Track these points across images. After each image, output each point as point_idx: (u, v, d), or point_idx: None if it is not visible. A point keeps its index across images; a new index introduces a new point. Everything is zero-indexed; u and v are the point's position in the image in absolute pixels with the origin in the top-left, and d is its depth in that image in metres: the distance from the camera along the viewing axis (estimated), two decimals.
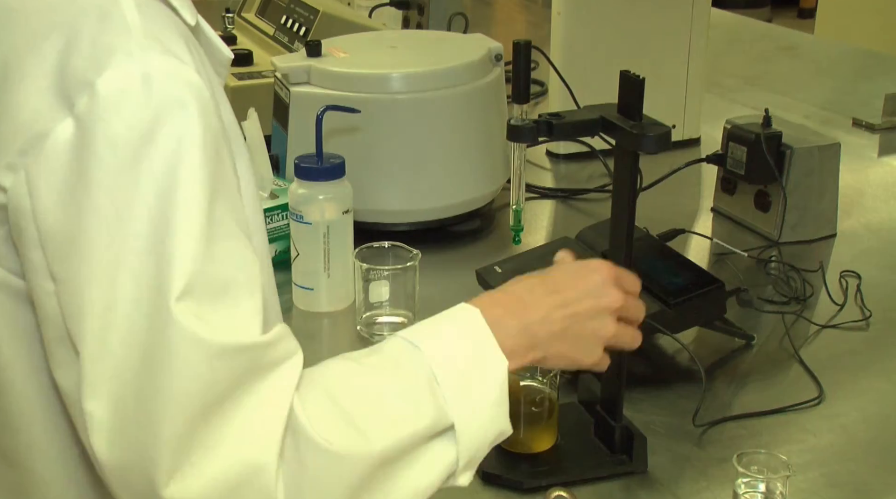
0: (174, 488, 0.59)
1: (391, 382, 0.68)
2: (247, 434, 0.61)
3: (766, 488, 0.84)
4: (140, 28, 0.62)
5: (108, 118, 0.59)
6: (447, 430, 0.68)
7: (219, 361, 0.60)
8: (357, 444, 0.64)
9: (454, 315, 0.73)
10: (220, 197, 0.62)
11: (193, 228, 0.60)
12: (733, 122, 1.40)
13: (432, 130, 1.35)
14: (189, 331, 0.59)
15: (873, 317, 1.19)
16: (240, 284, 0.62)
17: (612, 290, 0.77)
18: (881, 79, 2.08)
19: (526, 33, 2.58)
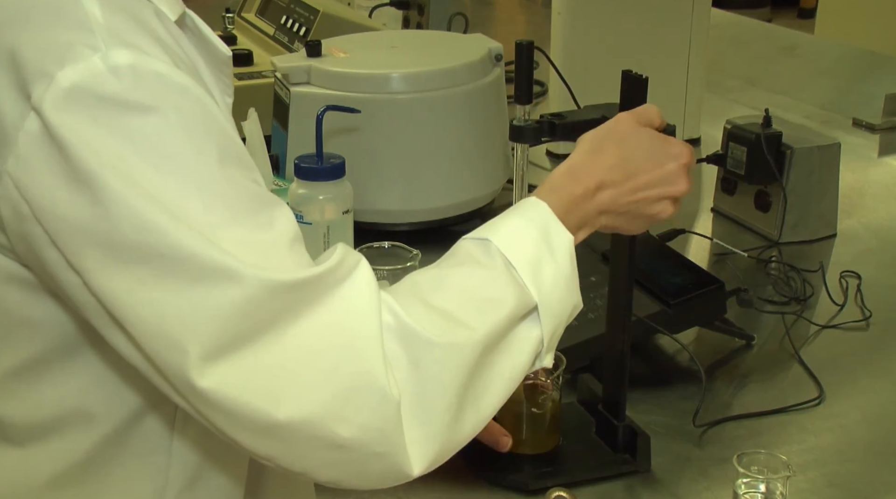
0: (287, 408, 0.59)
1: (472, 274, 0.70)
2: (344, 344, 0.61)
3: (766, 488, 0.84)
4: (102, 22, 0.60)
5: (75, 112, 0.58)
6: (532, 311, 0.70)
7: (289, 293, 0.60)
8: (463, 334, 0.65)
9: (517, 207, 0.75)
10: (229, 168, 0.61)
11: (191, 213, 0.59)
12: (733, 123, 1.40)
13: (432, 130, 1.35)
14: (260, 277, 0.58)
15: (873, 317, 1.19)
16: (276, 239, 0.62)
17: (682, 180, 0.79)
18: (881, 79, 2.08)
19: (526, 33, 2.58)
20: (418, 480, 0.92)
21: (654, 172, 0.78)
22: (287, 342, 0.60)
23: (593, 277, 1.11)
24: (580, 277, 1.11)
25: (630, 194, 0.77)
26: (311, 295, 0.61)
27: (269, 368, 0.59)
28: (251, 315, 0.59)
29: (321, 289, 0.62)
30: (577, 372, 1.01)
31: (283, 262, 0.61)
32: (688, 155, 0.80)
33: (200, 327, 0.58)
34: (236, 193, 0.61)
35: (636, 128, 0.80)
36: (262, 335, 0.59)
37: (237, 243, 0.60)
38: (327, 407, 0.60)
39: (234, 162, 0.63)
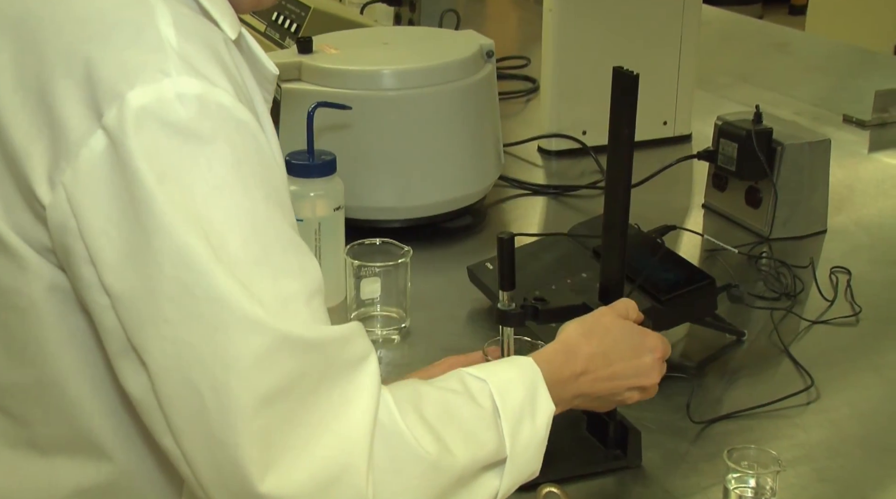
0: (270, 484, 0.60)
1: (466, 406, 0.71)
2: (335, 433, 0.62)
3: (756, 483, 0.84)
4: (175, 47, 0.61)
5: (141, 134, 0.59)
6: (499, 463, 0.72)
7: (301, 355, 0.61)
8: (448, 459, 0.67)
9: (514, 360, 0.78)
10: (268, 209, 0.62)
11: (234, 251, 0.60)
12: (724, 119, 1.40)
13: (424, 126, 1.35)
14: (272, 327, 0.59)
15: (863, 313, 1.20)
16: (301, 294, 0.63)
17: (655, 373, 0.84)
18: (871, 75, 2.08)
19: (518, 30, 2.58)
20: None
21: (631, 363, 0.83)
22: (291, 413, 0.61)
23: (585, 274, 1.12)
24: (572, 274, 1.12)
25: (607, 381, 0.82)
26: (323, 364, 0.62)
27: (270, 433, 0.60)
28: (269, 369, 0.60)
29: (333, 360, 0.63)
30: None
31: (300, 313, 0.62)
32: (662, 348, 0.85)
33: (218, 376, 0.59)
34: (276, 235, 0.63)
35: (618, 320, 0.85)
36: (274, 397, 0.60)
37: (265, 288, 0.60)
38: (306, 490, 0.61)
39: (277, 204, 0.64)
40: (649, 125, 1.71)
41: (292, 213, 0.67)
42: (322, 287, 0.65)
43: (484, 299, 1.19)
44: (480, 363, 0.79)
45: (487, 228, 1.44)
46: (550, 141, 1.69)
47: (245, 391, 0.59)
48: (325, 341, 0.63)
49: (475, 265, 1.20)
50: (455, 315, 1.20)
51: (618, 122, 0.87)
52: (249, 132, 0.62)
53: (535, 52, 1.84)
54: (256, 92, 0.71)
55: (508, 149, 1.63)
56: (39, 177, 0.61)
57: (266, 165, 0.64)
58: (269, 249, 0.62)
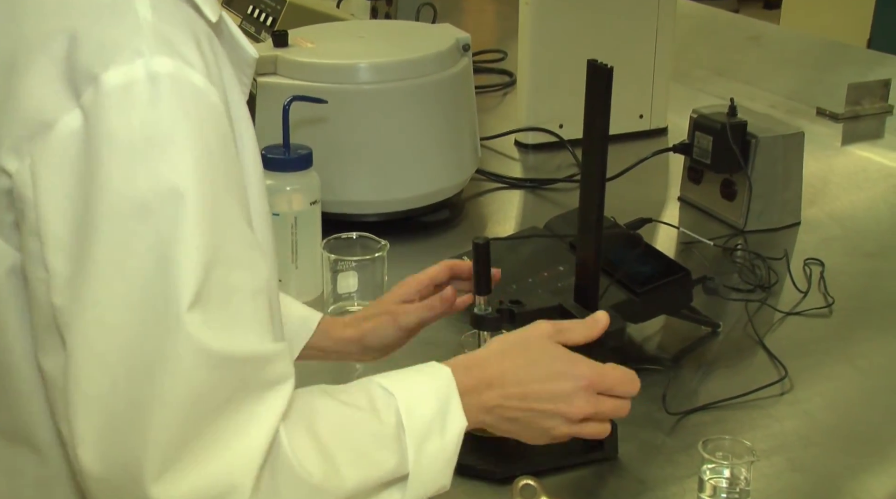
0: (159, 488, 0.60)
1: (367, 423, 0.70)
2: (233, 451, 0.62)
3: (730, 473, 0.85)
4: (151, 26, 0.61)
5: (110, 117, 0.59)
6: (401, 479, 0.71)
7: (218, 371, 0.61)
8: (332, 480, 0.66)
9: (428, 370, 0.76)
10: (226, 202, 0.62)
11: (199, 234, 0.60)
12: (699, 112, 1.41)
13: (400, 120, 1.35)
14: (196, 339, 0.59)
15: (836, 304, 1.21)
16: (246, 290, 0.63)
17: (580, 401, 0.77)
18: (845, 69, 2.10)
19: (494, 24, 2.58)
20: None
21: (546, 385, 0.77)
22: (198, 423, 0.61)
23: (561, 267, 1.12)
24: (548, 267, 1.12)
25: (518, 401, 0.76)
26: (238, 381, 0.62)
27: (174, 438, 0.60)
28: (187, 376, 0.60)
29: (249, 379, 0.63)
30: None
31: (243, 309, 0.62)
32: (592, 379, 0.78)
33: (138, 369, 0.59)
34: (229, 226, 0.62)
35: (546, 341, 0.79)
36: (186, 403, 0.60)
37: (212, 278, 0.60)
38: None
39: (236, 195, 0.64)
40: (625, 118, 1.72)
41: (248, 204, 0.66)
42: (269, 287, 0.65)
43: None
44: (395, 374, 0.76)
45: (464, 222, 1.44)
46: (527, 134, 1.69)
47: (162, 391, 0.59)
48: (246, 359, 0.62)
49: (452, 259, 1.20)
50: None
51: (592, 115, 0.87)
52: (218, 117, 0.62)
53: (512, 46, 1.84)
54: (234, 82, 0.71)
55: (485, 142, 1.64)
56: (7, 149, 0.62)
57: (229, 154, 0.63)
58: (222, 239, 0.61)
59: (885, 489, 0.90)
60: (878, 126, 1.83)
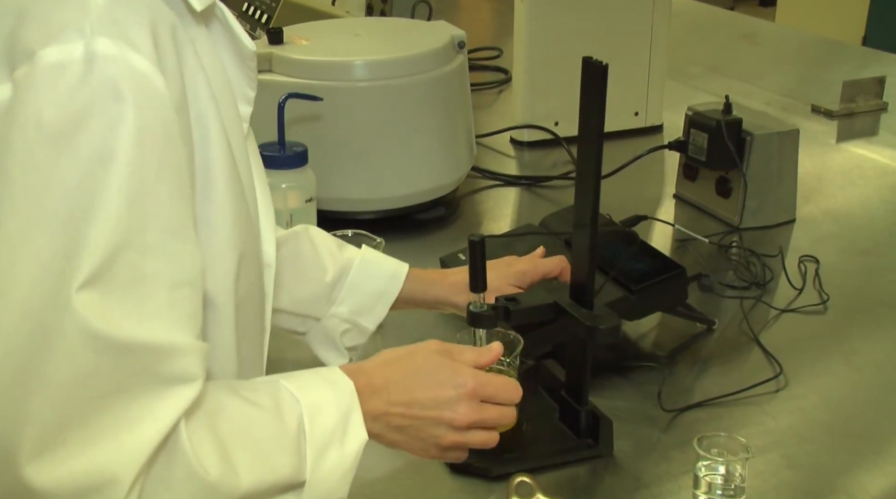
0: (33, 469, 0.58)
1: (269, 425, 0.69)
2: (118, 443, 0.60)
3: (725, 470, 0.85)
4: (100, 9, 0.60)
5: (38, 91, 0.58)
6: (298, 486, 0.70)
7: (107, 355, 0.59)
8: (228, 480, 0.65)
9: (332, 377, 0.75)
10: (156, 189, 0.61)
11: (112, 217, 0.59)
12: (695, 109, 1.41)
13: (395, 117, 1.35)
14: (83, 320, 0.58)
15: (831, 301, 1.21)
16: (161, 279, 0.61)
17: (463, 408, 0.77)
18: (839, 66, 2.11)
19: (490, 21, 2.58)
20: (382, 468, 0.92)
21: (430, 393, 0.77)
22: (82, 409, 0.59)
23: None
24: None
25: (403, 408, 0.76)
26: (128, 370, 0.61)
27: (55, 420, 0.59)
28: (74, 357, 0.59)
29: (143, 370, 0.61)
30: (540, 358, 1.02)
31: (154, 298, 0.61)
32: (474, 385, 0.78)
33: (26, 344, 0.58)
34: (157, 214, 0.61)
35: (432, 353, 0.79)
36: (71, 385, 0.59)
37: (121, 262, 0.59)
38: (64, 489, 0.59)
39: (173, 183, 0.62)
40: (621, 116, 1.72)
41: (188, 194, 0.64)
42: (196, 281, 0.63)
43: None
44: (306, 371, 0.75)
45: (460, 220, 1.44)
46: (523, 132, 1.69)
47: (45, 368, 0.58)
48: (141, 348, 0.61)
49: (448, 256, 1.20)
50: None
51: (588, 113, 0.87)
52: (160, 104, 0.61)
53: (508, 44, 1.84)
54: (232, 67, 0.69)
55: (481, 140, 1.64)
56: None
57: (170, 141, 0.62)
58: (142, 227, 0.60)
59: (879, 485, 0.90)
60: (873, 123, 1.83)
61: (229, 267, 0.71)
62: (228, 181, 0.70)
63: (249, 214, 0.74)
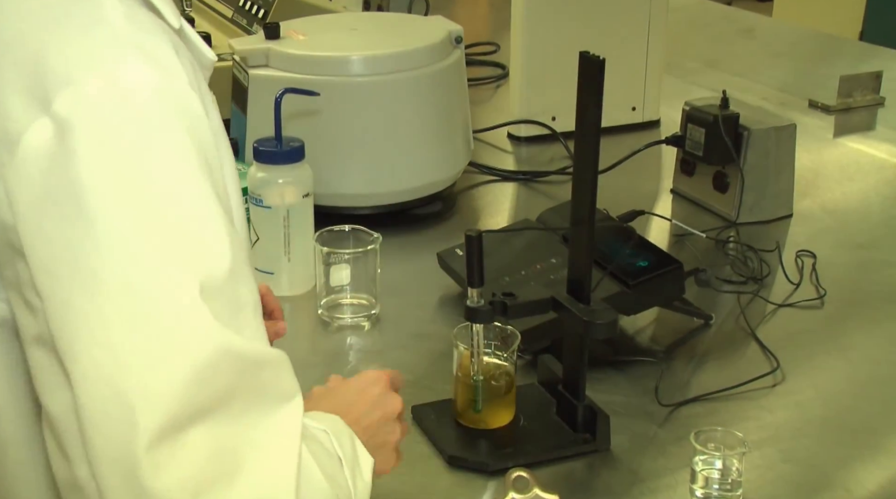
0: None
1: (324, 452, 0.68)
2: (265, 466, 0.59)
3: (722, 464, 0.85)
4: (129, 36, 0.60)
5: (93, 121, 0.56)
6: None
7: (238, 371, 0.58)
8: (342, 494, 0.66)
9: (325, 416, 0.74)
10: (220, 206, 0.60)
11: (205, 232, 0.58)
12: (692, 104, 1.41)
13: (392, 112, 1.35)
14: (220, 342, 0.57)
15: (828, 295, 1.21)
16: (250, 303, 0.61)
17: (391, 395, 0.79)
18: (836, 61, 2.11)
19: (487, 16, 2.58)
20: None
21: (362, 400, 0.78)
22: (222, 437, 0.58)
23: (553, 259, 1.12)
24: (541, 259, 1.12)
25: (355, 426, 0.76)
26: (257, 386, 0.60)
27: (198, 459, 0.57)
28: (207, 382, 0.57)
29: (267, 386, 0.60)
30: (537, 353, 1.02)
31: (249, 323, 0.60)
32: (381, 375, 0.80)
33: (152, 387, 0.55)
34: (234, 240, 0.60)
35: (347, 380, 0.81)
36: (206, 414, 0.57)
37: (222, 291, 0.58)
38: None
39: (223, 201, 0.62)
40: (618, 111, 1.72)
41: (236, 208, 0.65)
42: (259, 301, 0.63)
43: (454, 285, 1.19)
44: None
45: (457, 215, 1.44)
46: (520, 127, 1.69)
47: (180, 406, 0.56)
48: (264, 362, 0.60)
49: (445, 252, 1.20)
50: (425, 302, 1.20)
51: (584, 107, 0.87)
52: (202, 125, 0.61)
53: (505, 39, 1.83)
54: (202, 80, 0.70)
55: (478, 135, 1.63)
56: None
57: (212, 160, 0.62)
58: (234, 252, 0.60)
59: (875, 480, 0.90)
60: (870, 118, 1.83)
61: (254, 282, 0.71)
62: (238, 191, 0.70)
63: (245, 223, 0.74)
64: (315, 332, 1.15)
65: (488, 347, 0.95)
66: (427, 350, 1.09)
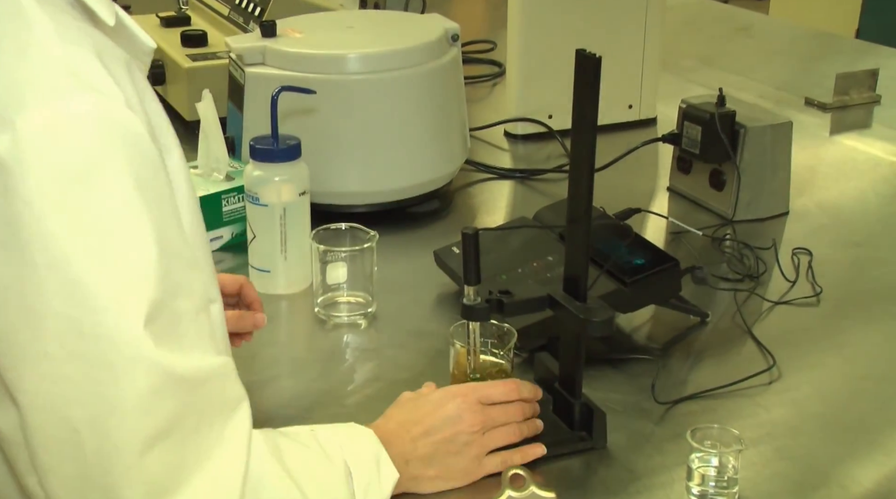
0: None
1: (322, 464, 0.73)
2: (211, 475, 0.62)
3: (718, 462, 0.85)
4: (62, 61, 0.59)
5: (33, 160, 0.56)
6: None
7: (181, 395, 0.60)
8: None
9: (355, 430, 0.80)
10: (168, 232, 0.61)
11: (142, 261, 0.59)
12: (688, 102, 1.41)
13: (389, 110, 1.35)
14: (157, 367, 0.58)
15: (824, 293, 1.21)
16: (190, 312, 0.62)
17: (469, 414, 0.85)
18: (833, 59, 2.11)
19: (484, 14, 2.57)
20: None
21: (436, 415, 0.84)
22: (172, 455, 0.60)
23: (550, 257, 1.12)
24: (538, 257, 1.13)
25: (424, 437, 0.82)
26: (203, 402, 0.62)
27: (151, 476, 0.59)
28: (154, 409, 0.59)
29: (212, 399, 0.62)
30: (534, 351, 1.02)
31: (188, 334, 0.61)
32: (464, 391, 0.85)
33: (100, 417, 0.58)
34: (174, 253, 0.61)
35: (420, 393, 0.87)
36: (157, 438, 0.59)
37: (161, 312, 0.59)
38: None
39: (173, 217, 0.63)
40: (615, 109, 1.72)
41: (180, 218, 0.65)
42: (211, 298, 0.65)
43: (450, 283, 1.19)
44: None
45: (454, 213, 1.44)
46: (517, 125, 1.69)
47: (129, 433, 0.58)
48: (206, 378, 0.62)
49: (441, 249, 1.20)
50: (422, 300, 1.20)
51: (581, 105, 0.87)
52: (144, 144, 0.60)
53: (502, 37, 1.83)
54: (147, 90, 0.69)
55: (475, 133, 1.63)
56: None
57: (159, 178, 0.62)
58: (169, 271, 0.60)
59: (871, 477, 0.90)
60: (866, 116, 1.83)
61: (210, 271, 0.71)
62: (187, 184, 0.70)
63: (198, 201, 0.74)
64: (311, 330, 1.15)
65: (485, 345, 0.95)
66: (424, 348, 1.09)
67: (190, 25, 1.78)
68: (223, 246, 1.30)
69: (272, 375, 1.05)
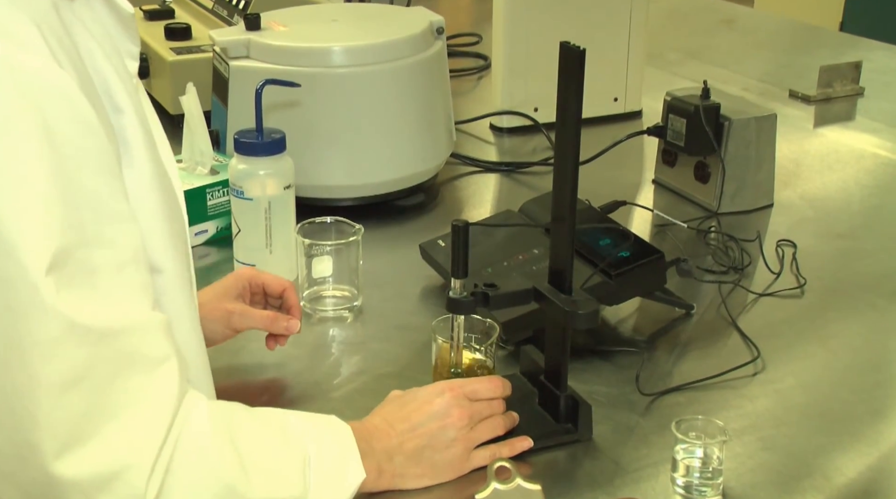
0: (60, 466, 0.60)
1: (279, 445, 0.73)
2: (125, 430, 0.62)
3: (703, 453, 0.86)
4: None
5: None
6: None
7: (95, 345, 0.61)
8: (242, 484, 0.68)
9: (330, 420, 0.80)
10: (82, 183, 0.61)
11: (51, 222, 0.59)
12: (673, 95, 1.41)
13: (374, 103, 1.34)
14: (64, 318, 0.59)
15: (808, 285, 1.22)
16: (109, 265, 0.62)
17: (457, 409, 0.85)
18: (817, 51, 2.12)
19: (469, 7, 2.57)
20: None
21: (422, 411, 0.84)
22: (88, 401, 0.61)
23: (536, 250, 1.12)
24: (523, 250, 1.13)
25: (410, 433, 0.83)
26: (115, 354, 0.62)
27: (66, 418, 0.60)
28: (61, 357, 0.60)
29: (128, 351, 0.63)
30: (519, 344, 1.02)
31: (102, 287, 0.62)
32: (450, 387, 0.86)
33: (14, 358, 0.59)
34: (87, 205, 0.61)
35: (408, 390, 0.88)
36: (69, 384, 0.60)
37: (71, 261, 0.59)
38: (92, 479, 0.61)
39: (95, 170, 0.62)
40: (600, 102, 1.72)
41: (117, 175, 0.65)
42: (137, 255, 0.65)
43: (436, 277, 1.19)
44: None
45: (440, 206, 1.44)
46: (502, 118, 1.69)
47: (34, 378, 0.59)
48: (120, 331, 0.62)
49: (427, 243, 1.20)
50: (407, 293, 1.20)
51: (566, 98, 0.87)
52: (63, 96, 0.60)
53: (487, 30, 1.83)
54: (120, 35, 0.69)
55: (460, 126, 1.63)
56: None
57: (85, 126, 0.62)
58: (82, 222, 0.61)
59: (855, 468, 0.91)
60: (850, 108, 1.84)
61: (163, 227, 0.71)
62: (143, 142, 0.70)
63: (166, 171, 0.74)
64: None
65: (468, 340, 0.95)
66: (409, 341, 1.09)
67: (174, 19, 1.77)
68: (208, 240, 1.29)
69: (258, 368, 1.05)
